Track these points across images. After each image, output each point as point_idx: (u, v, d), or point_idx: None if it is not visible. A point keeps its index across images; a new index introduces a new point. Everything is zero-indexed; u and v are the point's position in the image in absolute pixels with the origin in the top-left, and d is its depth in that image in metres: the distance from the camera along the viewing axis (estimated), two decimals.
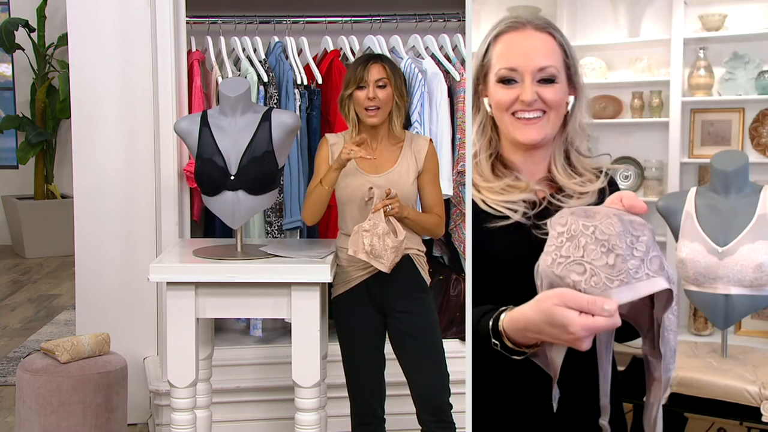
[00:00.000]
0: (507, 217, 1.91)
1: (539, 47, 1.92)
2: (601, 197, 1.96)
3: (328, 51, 4.27)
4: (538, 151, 1.98)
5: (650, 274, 1.66)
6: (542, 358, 1.79)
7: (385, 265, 3.17)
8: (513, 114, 1.93)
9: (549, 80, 1.92)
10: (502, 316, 1.76)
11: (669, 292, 1.71)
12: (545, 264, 1.70)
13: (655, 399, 1.86)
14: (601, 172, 2.04)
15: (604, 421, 1.91)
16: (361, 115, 3.31)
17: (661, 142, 2.85)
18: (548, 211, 1.89)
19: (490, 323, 1.78)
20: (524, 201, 1.94)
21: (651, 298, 1.78)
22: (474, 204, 1.94)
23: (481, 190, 1.94)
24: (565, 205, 1.93)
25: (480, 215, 1.93)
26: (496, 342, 1.77)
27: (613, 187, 2.05)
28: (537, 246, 1.75)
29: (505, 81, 1.92)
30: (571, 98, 1.96)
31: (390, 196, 3.20)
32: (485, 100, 1.98)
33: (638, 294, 1.65)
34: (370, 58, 3.33)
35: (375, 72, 3.28)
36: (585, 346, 1.64)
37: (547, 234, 1.74)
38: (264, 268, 3.24)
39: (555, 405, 1.81)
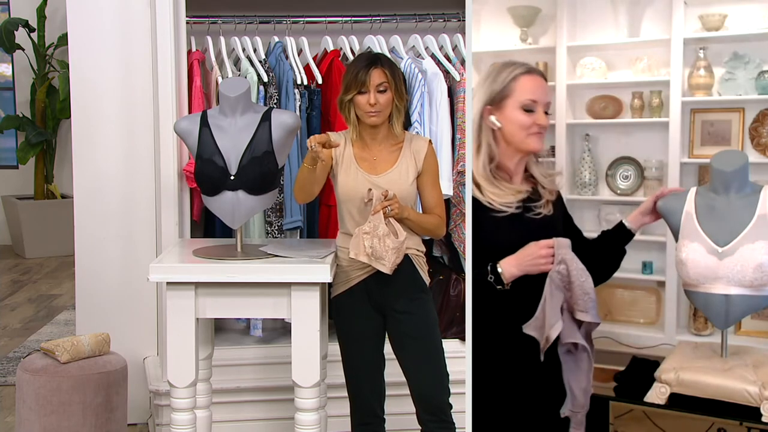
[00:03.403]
0: (505, 211, 2.63)
1: (546, 88, 2.70)
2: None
3: (328, 51, 4.27)
4: (526, 157, 2.71)
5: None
6: (539, 330, 2.55)
7: (386, 267, 3.17)
8: (529, 132, 2.66)
9: (547, 112, 2.68)
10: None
11: None
12: None
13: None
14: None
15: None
16: (362, 116, 3.31)
17: (661, 142, 2.85)
18: (530, 199, 2.67)
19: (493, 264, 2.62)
20: (516, 198, 2.65)
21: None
22: (478, 201, 2.62)
23: (487, 194, 2.63)
24: (541, 199, 2.68)
25: (485, 210, 2.62)
26: (492, 275, 2.60)
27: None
28: (529, 228, 2.63)
29: (527, 109, 2.64)
30: None
31: (388, 197, 3.20)
32: (492, 118, 2.64)
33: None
34: (370, 62, 3.31)
35: (376, 77, 3.27)
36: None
37: (535, 214, 2.65)
38: (264, 268, 3.24)
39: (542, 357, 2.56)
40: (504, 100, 2.65)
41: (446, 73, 4.16)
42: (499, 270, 2.60)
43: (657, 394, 2.64)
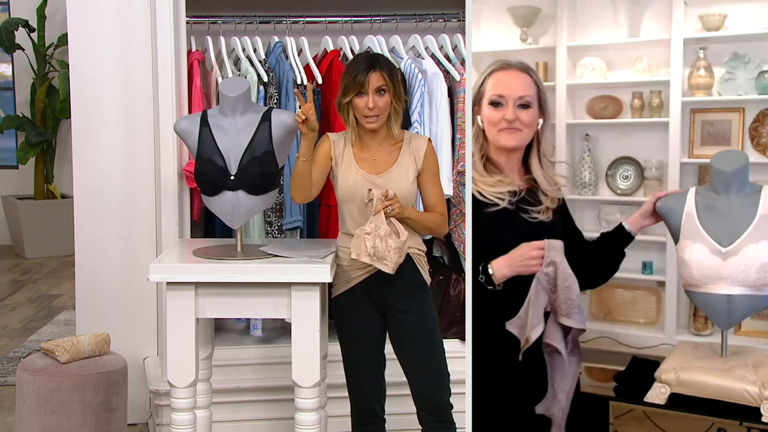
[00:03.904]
0: (497, 204, 2.65)
1: (520, 82, 2.68)
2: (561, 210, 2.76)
3: (328, 51, 4.27)
4: (513, 153, 2.74)
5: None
6: (521, 330, 2.58)
7: (388, 267, 3.17)
8: (499, 128, 2.69)
9: (525, 106, 2.67)
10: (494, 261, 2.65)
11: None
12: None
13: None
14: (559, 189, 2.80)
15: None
16: (360, 120, 3.31)
17: (661, 142, 2.85)
18: (525, 200, 2.68)
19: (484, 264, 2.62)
20: (509, 192, 2.67)
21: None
22: (476, 199, 2.62)
23: (477, 183, 2.66)
24: (540, 204, 2.68)
25: (480, 207, 2.64)
26: (482, 276, 2.61)
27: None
28: (526, 230, 2.65)
29: (495, 104, 2.68)
30: (540, 120, 2.71)
31: (388, 197, 3.19)
32: (478, 118, 2.71)
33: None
34: (369, 65, 3.30)
35: (374, 80, 3.27)
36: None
37: (531, 217, 2.66)
38: (264, 268, 3.24)
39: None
40: (482, 98, 2.70)
41: (446, 73, 4.16)
42: (490, 270, 2.61)
43: (657, 394, 2.65)
